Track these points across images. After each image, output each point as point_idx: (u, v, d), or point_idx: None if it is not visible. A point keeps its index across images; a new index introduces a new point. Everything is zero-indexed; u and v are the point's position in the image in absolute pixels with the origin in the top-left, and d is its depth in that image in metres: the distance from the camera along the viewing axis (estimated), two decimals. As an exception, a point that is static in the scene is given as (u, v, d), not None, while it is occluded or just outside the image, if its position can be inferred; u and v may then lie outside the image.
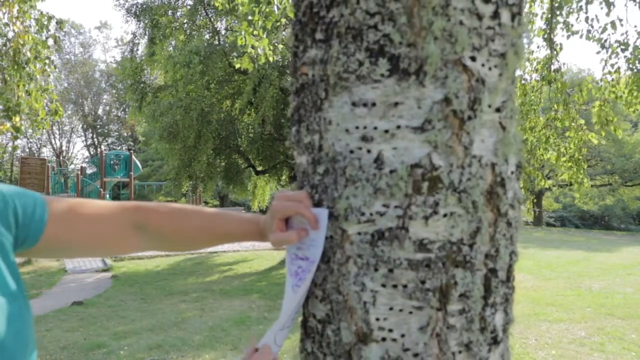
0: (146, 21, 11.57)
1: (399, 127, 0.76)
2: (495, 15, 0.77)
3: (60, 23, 3.66)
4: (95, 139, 41.03)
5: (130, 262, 12.48)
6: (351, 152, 0.80)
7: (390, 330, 0.79)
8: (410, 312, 0.78)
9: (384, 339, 0.79)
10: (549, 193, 29.25)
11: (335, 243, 0.82)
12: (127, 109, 39.37)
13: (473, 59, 0.76)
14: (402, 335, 0.78)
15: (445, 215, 0.76)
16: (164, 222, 0.99)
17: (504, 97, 0.80)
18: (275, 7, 3.07)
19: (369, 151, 0.78)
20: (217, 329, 6.28)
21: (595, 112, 5.10)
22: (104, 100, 41.08)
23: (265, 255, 13.70)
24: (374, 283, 0.79)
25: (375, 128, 0.78)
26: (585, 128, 5.18)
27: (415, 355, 0.78)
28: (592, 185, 29.42)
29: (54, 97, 3.87)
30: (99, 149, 37.98)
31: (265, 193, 16.21)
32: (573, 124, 5.13)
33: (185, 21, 11.65)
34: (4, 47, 3.48)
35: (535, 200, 29.28)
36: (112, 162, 17.43)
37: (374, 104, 0.78)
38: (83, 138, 41.96)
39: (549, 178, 6.40)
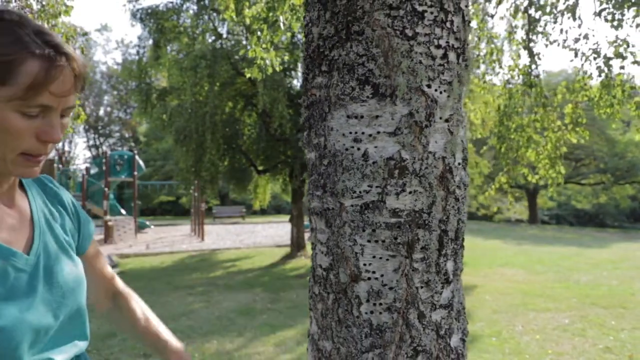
0: (151, 25, 11.94)
1: (379, 132, 1.12)
2: (444, 56, 1.13)
3: (85, 35, 4.02)
4: (97, 140, 41.41)
5: (136, 259, 12.82)
6: (346, 149, 1.15)
7: (374, 272, 1.14)
8: (387, 259, 1.14)
9: (369, 278, 1.14)
10: (543, 191, 29.60)
11: (336, 213, 1.17)
12: (128, 110, 39.72)
13: (429, 86, 1.12)
14: (382, 275, 1.14)
15: (410, 192, 1.12)
16: (127, 308, 1.30)
17: (451, 112, 1.15)
18: (282, 24, 3.43)
19: (358, 149, 1.14)
20: (224, 318, 6.64)
21: (567, 113, 5.50)
22: (105, 102, 41.44)
23: (266, 252, 14.05)
24: (362, 239, 1.14)
25: (363, 133, 1.13)
26: (564, 128, 5.57)
27: (391, 288, 1.13)
28: (585, 184, 29.82)
29: (76, 102, 4.21)
30: (100, 150, 38.36)
31: (266, 192, 16.55)
32: (552, 125, 5.52)
33: (189, 25, 12.01)
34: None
35: (532, 193, 29.57)
36: (115, 162, 17.75)
37: (362, 117, 1.13)
38: (85, 139, 42.35)
39: (536, 173, 6.77)
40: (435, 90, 1.12)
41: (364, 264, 1.14)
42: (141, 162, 19.37)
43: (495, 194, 7.14)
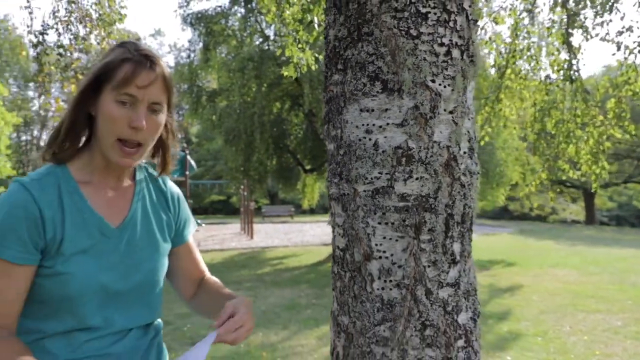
0: (201, 29, 12.38)
1: (388, 124, 1.23)
2: (448, 53, 1.23)
3: (137, 40, 4.30)
4: (151, 141, 42.91)
5: (188, 256, 13.27)
6: (359, 140, 1.26)
7: (384, 252, 1.25)
8: (397, 240, 1.24)
9: (380, 257, 1.25)
10: (602, 191, 28.37)
11: (350, 198, 1.29)
12: (180, 112, 41.00)
13: (433, 81, 1.21)
14: (392, 255, 1.24)
15: (417, 179, 1.22)
16: (205, 284, 1.46)
17: (455, 104, 1.25)
18: (316, 25, 3.57)
19: (370, 139, 1.25)
20: (269, 312, 6.86)
21: (610, 107, 5.34)
22: (160, 104, 42.84)
23: (313, 251, 14.24)
24: (374, 222, 1.25)
25: (374, 125, 1.24)
26: (607, 123, 5.41)
27: (400, 267, 1.24)
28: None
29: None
30: (155, 151, 39.69)
31: (315, 191, 16.77)
32: (594, 120, 5.39)
33: (237, 28, 12.37)
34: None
35: (589, 193, 28.35)
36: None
37: (373, 110, 1.24)
38: (140, 140, 43.96)
39: (578, 169, 6.53)
40: (439, 84, 1.22)
41: (376, 244, 1.25)
42: (193, 162, 19.97)
43: (535, 190, 7.01)
